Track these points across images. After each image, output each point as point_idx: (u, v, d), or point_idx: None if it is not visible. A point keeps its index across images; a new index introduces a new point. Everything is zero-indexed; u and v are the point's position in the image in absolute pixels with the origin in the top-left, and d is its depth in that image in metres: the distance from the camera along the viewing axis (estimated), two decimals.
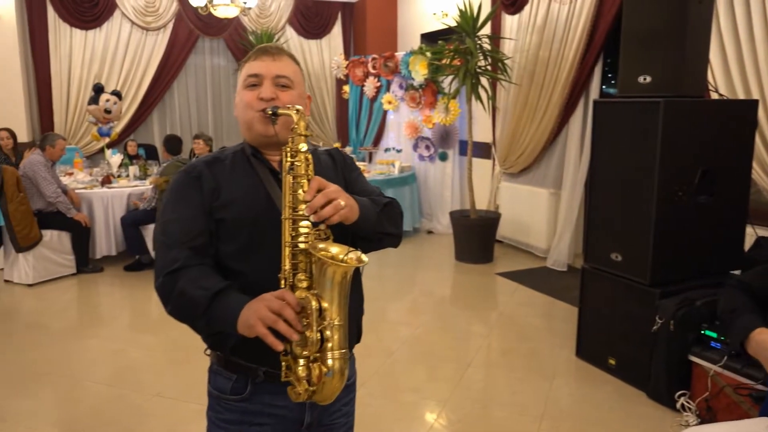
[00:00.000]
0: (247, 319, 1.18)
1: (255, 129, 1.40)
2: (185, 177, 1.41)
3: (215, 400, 1.44)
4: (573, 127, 5.49)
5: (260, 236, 1.35)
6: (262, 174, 1.41)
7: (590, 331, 3.61)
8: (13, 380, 3.52)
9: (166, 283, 1.30)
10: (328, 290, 1.21)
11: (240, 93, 1.43)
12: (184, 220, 1.36)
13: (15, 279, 5.24)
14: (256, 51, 1.45)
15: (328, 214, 1.22)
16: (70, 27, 7.44)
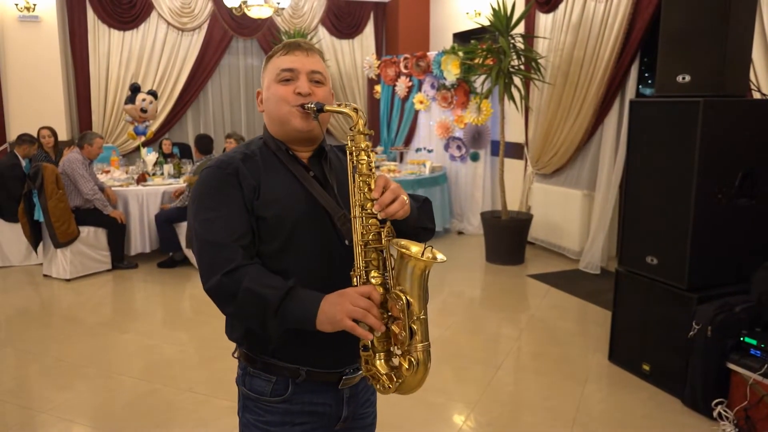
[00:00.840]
0: (333, 315, 1.21)
1: (292, 124, 1.38)
2: (221, 173, 1.36)
3: (253, 403, 1.42)
4: (608, 127, 5.39)
5: (301, 235, 1.35)
6: (295, 171, 1.40)
7: (624, 335, 3.54)
8: (50, 372, 3.62)
9: (227, 284, 1.26)
10: (410, 285, 1.25)
11: (271, 87, 1.41)
12: (228, 218, 1.32)
13: (53, 274, 5.38)
14: (288, 45, 1.43)
15: (394, 211, 1.27)
16: (108, 28, 7.61)
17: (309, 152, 1.45)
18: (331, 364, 1.40)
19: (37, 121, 6.73)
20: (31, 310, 4.78)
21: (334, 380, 1.42)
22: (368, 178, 1.30)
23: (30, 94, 7.12)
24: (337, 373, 1.42)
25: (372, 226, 1.29)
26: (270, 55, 1.45)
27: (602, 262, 5.48)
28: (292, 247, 1.35)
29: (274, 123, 1.43)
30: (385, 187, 1.29)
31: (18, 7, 6.91)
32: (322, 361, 1.38)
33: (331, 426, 1.46)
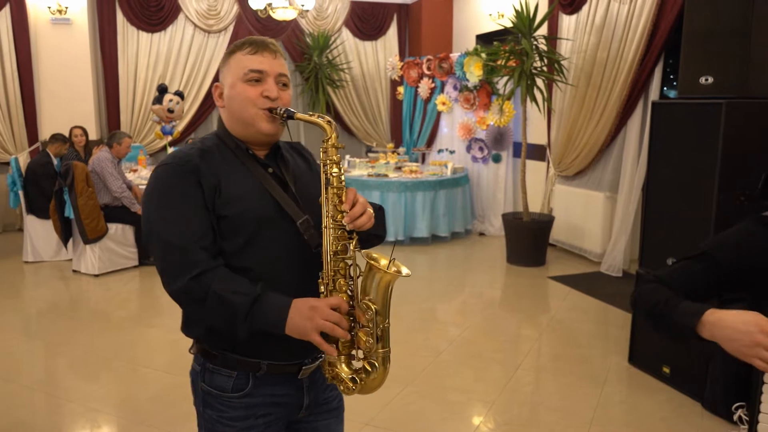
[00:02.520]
0: (303, 327, 1.28)
1: (258, 126, 1.39)
2: (179, 170, 1.34)
3: (215, 399, 1.42)
4: (631, 129, 5.37)
5: (264, 235, 1.37)
6: (254, 171, 1.41)
7: (644, 337, 3.53)
8: (79, 364, 3.72)
9: (194, 288, 1.28)
10: (378, 294, 1.33)
11: (237, 86, 1.39)
12: (188, 218, 1.32)
13: (82, 269, 5.52)
14: (256, 44, 1.41)
15: (362, 223, 1.35)
16: (137, 30, 7.76)
17: (266, 150, 1.47)
18: (291, 356, 1.42)
19: (68, 121, 6.90)
20: (60, 304, 4.91)
21: (294, 371, 1.45)
22: (339, 190, 1.36)
23: (61, 94, 7.30)
24: (297, 364, 1.45)
25: (341, 237, 1.36)
26: (233, 50, 1.43)
27: (624, 265, 5.45)
28: (255, 246, 1.36)
29: (236, 122, 1.42)
30: (354, 201, 1.35)
31: (51, 10, 7.09)
32: (282, 353, 1.40)
33: (294, 415, 1.50)
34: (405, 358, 3.72)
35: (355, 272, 1.38)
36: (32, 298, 5.08)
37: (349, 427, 2.91)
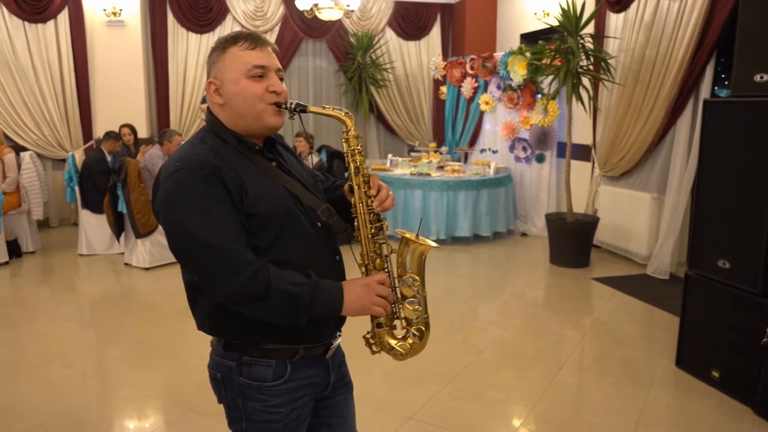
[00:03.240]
0: (361, 305, 1.41)
1: (266, 121, 1.41)
2: (201, 173, 1.32)
3: (255, 390, 1.44)
4: (680, 129, 5.25)
5: (289, 226, 1.41)
6: (261, 165, 1.43)
7: (692, 340, 3.46)
8: (130, 353, 3.87)
9: (254, 287, 1.30)
10: (416, 267, 1.49)
11: (241, 82, 1.39)
12: (224, 220, 1.32)
13: (134, 263, 5.71)
14: (253, 39, 1.41)
15: (389, 206, 1.49)
16: (186, 31, 7.98)
17: (261, 142, 1.49)
18: (321, 337, 1.51)
19: (121, 120, 7.14)
20: (112, 296, 5.10)
21: (321, 352, 1.53)
22: (366, 177, 1.47)
23: (114, 94, 7.56)
24: (325, 344, 1.53)
25: (373, 221, 1.48)
26: (224, 45, 1.42)
27: (671, 268, 5.34)
28: (283, 239, 1.40)
29: (240, 118, 1.41)
30: (380, 186, 1.48)
31: (106, 13, 7.35)
32: (314, 336, 1.47)
33: (322, 393, 1.58)
34: (447, 356, 3.74)
35: (388, 251, 1.49)
36: (86, 289, 5.29)
37: (393, 421, 2.97)
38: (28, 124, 7.22)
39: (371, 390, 3.24)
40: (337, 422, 1.65)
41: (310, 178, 1.60)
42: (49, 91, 7.23)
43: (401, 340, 1.51)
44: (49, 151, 7.35)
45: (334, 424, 1.64)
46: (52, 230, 7.37)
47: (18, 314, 4.60)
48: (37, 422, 2.93)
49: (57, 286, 5.34)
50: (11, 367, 3.61)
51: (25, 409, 3.07)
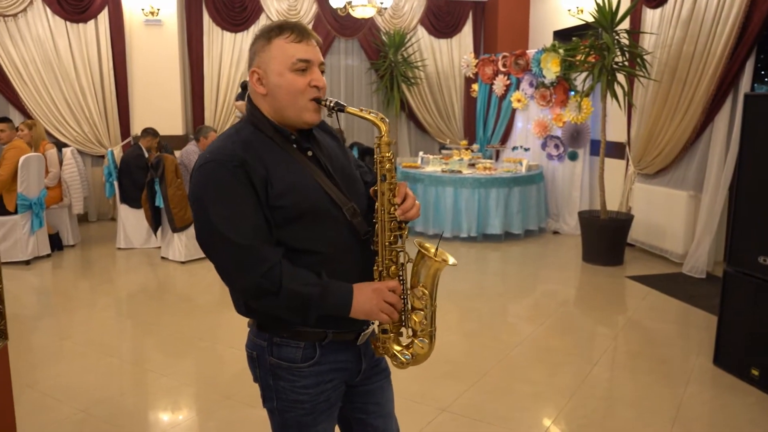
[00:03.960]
0: (368, 309, 1.43)
1: (305, 117, 1.43)
2: (227, 166, 1.35)
3: (285, 371, 1.49)
4: (718, 126, 5.16)
5: (316, 220, 1.42)
6: (296, 156, 1.45)
7: (731, 338, 3.40)
8: (167, 343, 3.96)
9: (265, 284, 1.35)
10: (428, 280, 1.50)
11: (286, 75, 1.40)
12: (246, 215, 1.35)
13: (170, 257, 5.83)
14: (299, 31, 1.41)
15: (413, 216, 1.49)
16: (221, 30, 8.11)
17: (298, 132, 1.50)
18: (352, 324, 1.51)
19: (157, 117, 7.31)
20: (149, 288, 5.22)
21: (352, 338, 1.54)
22: (392, 185, 1.46)
23: (151, 91, 7.72)
24: (355, 331, 1.55)
25: (394, 228, 1.47)
26: (270, 36, 1.42)
27: (708, 267, 5.25)
28: (309, 232, 1.42)
29: (281, 110, 1.44)
30: (406, 195, 1.48)
31: (144, 12, 7.52)
32: (344, 322, 1.47)
33: (353, 379, 1.59)
34: (478, 352, 3.75)
35: (405, 259, 1.51)
36: (124, 281, 5.43)
37: (426, 413, 2.99)
38: (68, 121, 7.43)
39: (405, 383, 3.26)
40: (374, 409, 1.66)
41: (351, 167, 1.59)
42: (89, 89, 7.42)
43: (404, 348, 1.52)
44: (88, 147, 7.55)
45: (371, 410, 1.66)
46: (91, 225, 7.57)
47: (60, 304, 4.75)
48: (79, 406, 3.03)
49: (96, 278, 5.49)
50: (55, 354, 3.74)
51: (67, 394, 3.17)
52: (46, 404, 3.06)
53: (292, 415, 1.51)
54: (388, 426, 1.69)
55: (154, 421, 3.01)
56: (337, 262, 1.45)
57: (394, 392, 1.75)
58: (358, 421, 1.66)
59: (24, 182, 5.47)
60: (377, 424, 1.66)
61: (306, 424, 1.52)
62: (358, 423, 1.66)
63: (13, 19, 7.06)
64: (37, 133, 6.18)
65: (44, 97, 7.29)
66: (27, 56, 7.15)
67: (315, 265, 1.42)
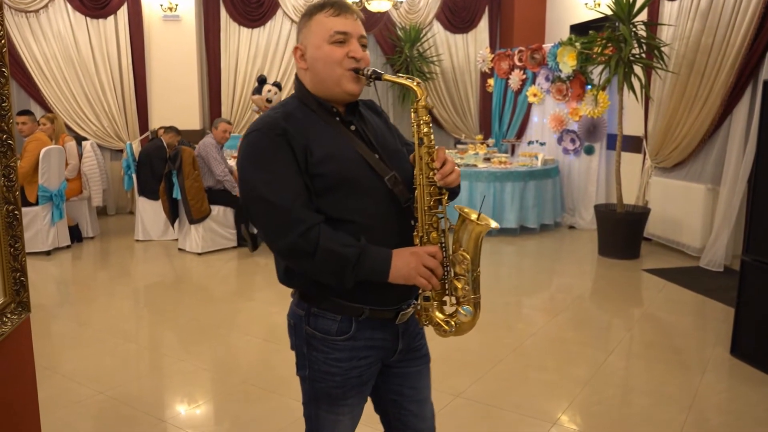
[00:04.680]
0: (406, 273, 1.40)
1: (344, 86, 1.45)
2: (269, 135, 1.41)
3: (320, 342, 1.51)
4: (737, 118, 5.11)
5: (355, 189, 1.44)
6: (337, 128, 1.48)
7: (748, 328, 3.37)
8: (184, 331, 4.01)
9: (303, 244, 1.37)
10: (470, 245, 1.45)
11: (323, 47, 1.44)
12: (286, 179, 1.40)
13: (187, 248, 5.90)
14: (338, 6, 1.45)
15: (452, 180, 1.45)
16: (238, 26, 8.17)
17: (344, 107, 1.53)
18: (390, 302, 1.51)
19: (175, 111, 7.39)
20: (167, 279, 5.28)
21: (391, 317, 1.53)
22: (431, 149, 1.45)
23: (169, 86, 7.81)
24: (394, 309, 1.53)
25: (433, 193, 1.45)
26: (312, 12, 1.48)
27: (726, 260, 5.20)
28: (348, 201, 1.44)
29: (321, 83, 1.48)
30: (445, 160, 1.44)
31: (162, 8, 7.60)
32: (382, 299, 1.48)
33: (388, 358, 1.59)
34: (493, 342, 3.75)
35: (446, 225, 1.48)
36: (142, 272, 5.50)
37: (441, 398, 3.00)
38: (88, 115, 7.53)
39: None
40: (409, 392, 1.66)
41: (396, 143, 1.60)
42: (108, 83, 7.53)
43: (448, 317, 1.49)
44: (107, 141, 7.65)
45: (406, 393, 1.65)
46: (110, 218, 7.67)
47: (79, 293, 4.83)
48: (98, 389, 3.08)
49: (115, 268, 5.57)
50: (74, 340, 3.80)
51: (87, 377, 3.23)
52: (65, 386, 3.12)
53: (323, 386, 1.53)
54: (422, 410, 1.69)
55: (171, 403, 3.06)
56: (376, 230, 1.44)
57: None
58: (393, 403, 1.66)
59: (45, 174, 5.56)
60: (411, 408, 1.66)
61: (335, 396, 1.53)
62: (392, 405, 1.66)
63: (35, 15, 7.18)
64: (58, 126, 6.29)
65: (65, 92, 7.40)
66: (48, 52, 7.27)
67: (354, 234, 1.42)
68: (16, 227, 1.60)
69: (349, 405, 1.56)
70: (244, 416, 2.86)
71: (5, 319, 1.56)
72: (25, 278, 1.65)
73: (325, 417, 1.57)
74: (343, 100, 1.50)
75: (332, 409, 1.56)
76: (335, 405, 1.55)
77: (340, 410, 1.56)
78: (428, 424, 1.72)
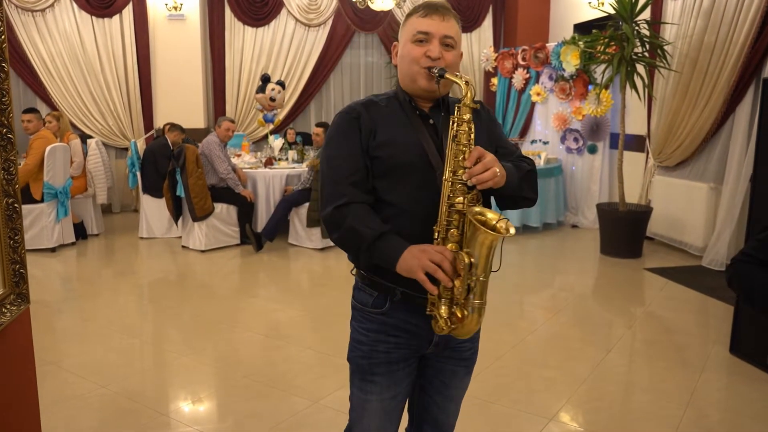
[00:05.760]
0: (410, 266, 1.41)
1: (419, 83, 1.55)
2: (346, 117, 1.57)
3: (358, 312, 1.63)
4: (740, 117, 5.10)
5: (410, 175, 1.52)
6: (413, 120, 1.57)
7: (748, 326, 3.38)
8: (187, 327, 4.05)
9: (335, 215, 1.50)
10: (478, 250, 1.39)
11: (406, 45, 1.57)
12: (346, 157, 1.54)
13: (190, 245, 5.94)
14: (426, 7, 1.55)
15: (483, 180, 1.39)
16: (243, 25, 8.21)
17: (430, 104, 1.62)
18: (422, 289, 1.44)
19: (180, 110, 7.43)
20: (170, 276, 5.32)
21: (424, 304, 1.49)
22: (464, 147, 1.43)
23: (174, 85, 7.86)
24: (426, 297, 1.49)
25: (460, 191, 1.42)
26: (410, 14, 1.59)
27: (728, 259, 5.18)
28: (400, 186, 1.52)
29: (404, 78, 1.59)
30: (479, 159, 1.40)
31: (167, 7, 7.65)
32: (417, 285, 1.44)
33: (423, 348, 1.60)
34: (493, 338, 3.76)
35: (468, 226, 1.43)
36: (146, 269, 5.54)
37: None
38: (93, 113, 7.59)
39: None
40: (438, 385, 1.68)
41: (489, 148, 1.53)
42: (113, 82, 7.58)
43: (451, 314, 1.44)
44: (112, 140, 7.70)
45: (435, 384, 1.68)
46: (115, 216, 7.72)
47: (83, 289, 4.87)
48: (100, 383, 3.11)
49: (119, 265, 5.61)
50: (78, 335, 3.84)
51: (89, 371, 3.26)
52: (67, 380, 3.15)
53: (354, 355, 1.63)
54: (445, 405, 1.71)
55: (173, 398, 3.08)
56: (419, 220, 1.49)
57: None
58: (421, 389, 1.71)
59: (50, 171, 5.61)
60: (436, 399, 1.69)
61: (363, 368, 1.61)
62: (420, 390, 1.71)
63: (41, 14, 7.24)
64: (63, 124, 6.35)
65: (70, 90, 7.46)
66: (54, 50, 7.33)
67: (395, 216, 1.51)
68: (16, 220, 1.63)
69: (377, 384, 1.60)
70: (245, 411, 2.89)
71: (4, 309, 1.59)
72: (25, 270, 1.67)
73: (357, 396, 1.65)
74: (423, 96, 1.59)
75: (362, 385, 1.62)
76: (363, 380, 1.62)
77: (368, 388, 1.61)
78: (450, 420, 1.75)
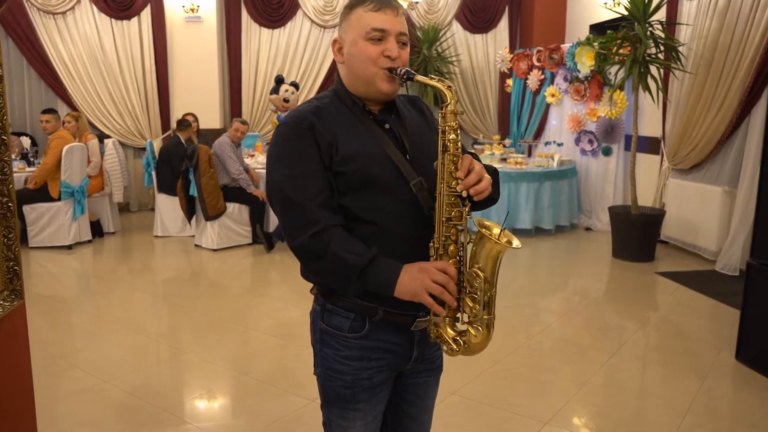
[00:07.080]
0: (412, 289, 1.33)
1: (378, 86, 1.41)
2: (296, 128, 1.39)
3: (332, 338, 1.47)
4: (755, 119, 5.02)
5: (379, 190, 1.39)
6: (369, 127, 1.43)
7: (754, 332, 3.33)
8: (197, 324, 4.11)
9: (314, 244, 1.34)
10: (485, 262, 1.35)
11: (359, 43, 1.39)
12: (307, 175, 1.36)
13: (203, 244, 6.02)
14: (379, 1, 1.40)
15: (480, 190, 1.34)
16: (259, 27, 8.29)
17: (380, 106, 1.48)
18: (407, 306, 1.41)
19: (197, 111, 7.49)
20: (183, 274, 5.40)
21: (407, 322, 1.46)
22: (455, 157, 1.35)
23: (191, 86, 7.97)
24: (411, 315, 1.46)
25: (455, 204, 1.35)
26: (353, 5, 1.42)
27: (742, 264, 5.10)
28: (371, 202, 1.39)
29: (356, 79, 1.43)
30: (470, 169, 1.34)
31: (185, 9, 7.76)
32: (399, 302, 1.38)
33: (402, 365, 1.53)
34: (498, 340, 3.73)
35: (465, 239, 1.38)
36: (160, 267, 5.63)
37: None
38: (112, 114, 7.73)
39: None
40: (412, 399, 1.63)
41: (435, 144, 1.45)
42: (132, 83, 7.71)
43: (458, 335, 1.39)
44: (130, 139, 7.84)
45: (408, 399, 1.62)
46: (132, 214, 7.86)
47: (98, 286, 4.98)
48: (105, 378, 3.18)
49: (134, 263, 5.72)
50: (93, 331, 3.92)
51: (95, 366, 3.33)
52: (72, 375, 3.22)
53: (332, 384, 1.50)
54: (420, 416, 1.66)
55: (176, 394, 3.14)
56: (396, 234, 1.40)
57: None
58: (394, 406, 1.62)
59: (67, 170, 5.73)
60: (410, 412, 1.63)
61: (345, 397, 1.49)
62: (393, 407, 1.62)
63: (62, 16, 7.39)
64: (82, 124, 6.48)
65: (90, 91, 7.61)
66: (74, 52, 7.48)
67: (372, 236, 1.38)
68: (10, 218, 1.68)
69: (360, 410, 1.50)
70: (250, 408, 2.93)
71: None
72: (19, 267, 1.73)
73: (337, 423, 1.53)
74: (377, 99, 1.45)
75: (343, 413, 1.51)
76: (345, 408, 1.50)
77: (350, 415, 1.51)
78: (424, 429, 1.69)
